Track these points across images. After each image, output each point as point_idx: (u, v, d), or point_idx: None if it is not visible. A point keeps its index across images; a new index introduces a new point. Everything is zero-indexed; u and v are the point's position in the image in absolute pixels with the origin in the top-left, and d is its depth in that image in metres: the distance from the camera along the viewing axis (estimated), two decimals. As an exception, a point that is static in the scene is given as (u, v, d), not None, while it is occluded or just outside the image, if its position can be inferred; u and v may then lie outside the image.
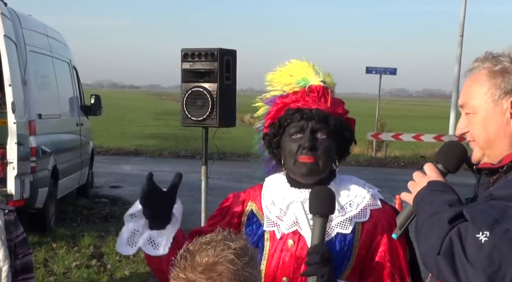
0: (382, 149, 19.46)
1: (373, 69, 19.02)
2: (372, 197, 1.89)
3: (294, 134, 1.83)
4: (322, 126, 1.81)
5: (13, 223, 3.31)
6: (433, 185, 1.59)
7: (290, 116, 1.83)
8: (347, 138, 1.89)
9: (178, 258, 1.30)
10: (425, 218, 1.52)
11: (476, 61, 1.65)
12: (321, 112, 1.82)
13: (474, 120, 1.63)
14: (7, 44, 6.73)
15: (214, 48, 6.30)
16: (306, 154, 1.80)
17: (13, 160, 6.73)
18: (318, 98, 1.85)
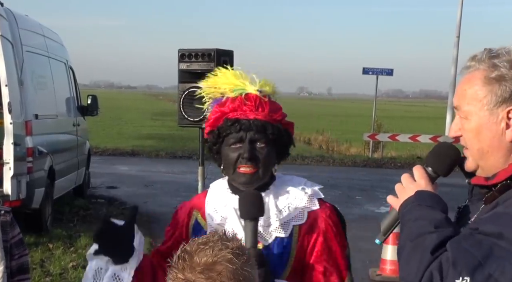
0: (379, 150, 19.49)
1: (369, 70, 19.04)
2: (310, 198, 1.91)
3: (233, 144, 1.86)
4: (260, 136, 1.84)
5: (9, 223, 3.30)
6: (420, 198, 1.52)
7: (229, 127, 1.85)
8: (286, 142, 1.92)
9: (175, 259, 1.30)
10: (408, 238, 1.45)
11: (472, 59, 1.55)
12: (259, 122, 1.84)
13: (467, 127, 1.54)
14: (3, 44, 6.72)
15: (211, 49, 6.30)
16: (246, 163, 1.83)
17: (10, 160, 6.72)
18: (255, 108, 1.86)
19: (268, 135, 1.84)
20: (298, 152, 20.87)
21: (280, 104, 1.95)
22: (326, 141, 24.03)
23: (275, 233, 1.86)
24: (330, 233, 1.88)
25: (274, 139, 1.86)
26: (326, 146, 23.50)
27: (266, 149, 1.85)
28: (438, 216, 1.46)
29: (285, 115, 1.93)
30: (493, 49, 1.53)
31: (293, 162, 18.28)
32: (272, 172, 1.93)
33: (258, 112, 1.85)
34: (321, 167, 17.37)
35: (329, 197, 8.41)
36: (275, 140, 1.86)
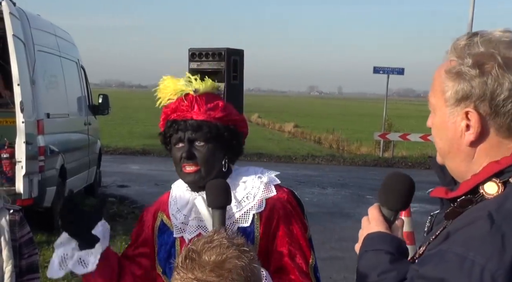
0: (390, 149, 19.41)
1: (380, 69, 18.97)
2: (267, 185, 1.95)
3: (176, 144, 1.93)
4: (198, 135, 1.89)
5: (18, 223, 3.32)
6: (367, 243, 1.45)
7: (169, 129, 1.93)
8: (230, 139, 1.94)
9: (181, 259, 1.30)
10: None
11: (451, 45, 1.36)
12: (195, 122, 1.89)
13: (433, 121, 1.40)
14: (15, 44, 6.76)
15: (221, 48, 6.31)
16: (186, 162, 1.90)
17: (22, 159, 6.76)
18: (191, 107, 1.90)
19: (206, 134, 1.88)
20: (308, 151, 20.85)
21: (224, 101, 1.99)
22: (337, 140, 23.98)
23: (237, 223, 1.91)
24: (289, 217, 1.94)
25: (214, 136, 1.90)
26: (336, 145, 23.45)
27: (206, 147, 1.89)
28: (382, 260, 1.37)
29: (228, 112, 1.95)
30: (473, 36, 1.33)
31: (303, 161, 18.27)
32: (228, 166, 1.97)
33: (194, 112, 1.90)
34: (331, 166, 17.33)
35: (339, 196, 8.45)
36: (215, 137, 1.90)
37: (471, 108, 1.29)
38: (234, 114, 1.96)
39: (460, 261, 1.18)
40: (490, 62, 1.27)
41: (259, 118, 41.89)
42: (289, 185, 8.54)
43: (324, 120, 38.08)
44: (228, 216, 1.87)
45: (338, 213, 9.96)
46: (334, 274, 6.60)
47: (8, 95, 7.47)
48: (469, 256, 1.18)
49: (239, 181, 1.97)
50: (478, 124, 1.29)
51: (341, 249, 7.51)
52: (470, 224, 1.24)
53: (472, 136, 1.31)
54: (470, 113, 1.30)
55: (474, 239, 1.20)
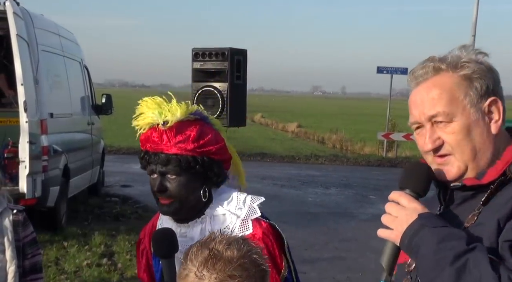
0: (393, 149, 19.39)
1: (384, 69, 18.95)
2: (243, 222, 1.88)
3: (151, 175, 1.89)
4: (169, 168, 1.84)
5: (21, 223, 3.32)
6: (428, 221, 1.38)
7: (141, 160, 1.90)
8: (204, 170, 1.86)
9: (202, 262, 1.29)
10: (447, 264, 1.30)
11: (423, 67, 1.50)
12: (164, 156, 1.83)
13: (452, 130, 1.45)
14: (19, 44, 6.77)
15: (224, 48, 6.30)
16: (160, 196, 1.86)
17: (25, 159, 6.76)
18: (161, 140, 1.84)
19: (175, 168, 1.83)
20: (312, 151, 20.84)
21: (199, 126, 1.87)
22: (340, 140, 23.95)
23: None
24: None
25: (186, 168, 1.83)
26: (340, 145, 23.43)
27: (178, 180, 1.84)
28: (458, 233, 1.35)
29: (204, 142, 1.85)
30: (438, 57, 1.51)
31: (306, 161, 18.26)
32: (209, 194, 1.89)
33: (164, 145, 1.83)
34: (334, 166, 17.31)
35: (342, 196, 8.44)
36: (187, 169, 1.83)
37: (492, 96, 1.47)
38: (208, 144, 1.85)
39: None
40: (485, 62, 1.50)
41: (263, 118, 41.88)
42: (292, 185, 8.63)
43: (328, 120, 38.06)
44: (173, 259, 1.82)
45: (342, 213, 9.95)
46: (337, 274, 6.59)
47: (12, 95, 7.48)
48: None
49: (219, 212, 1.90)
50: (501, 107, 1.47)
51: (345, 249, 7.50)
52: None
53: (500, 122, 1.47)
54: (492, 100, 1.46)
55: None
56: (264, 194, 8.61)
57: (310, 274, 6.70)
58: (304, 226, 9.01)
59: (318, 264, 7.06)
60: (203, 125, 1.88)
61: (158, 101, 1.87)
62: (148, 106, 1.86)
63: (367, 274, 6.26)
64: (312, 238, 8.24)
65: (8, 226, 3.26)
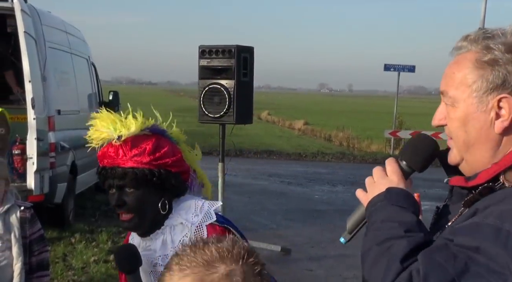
0: (400, 147, 19.33)
1: (391, 66, 18.88)
2: (198, 227, 1.89)
3: (109, 190, 1.91)
4: (125, 181, 1.85)
5: (28, 220, 3.33)
6: (391, 196, 1.37)
7: (99, 175, 1.92)
8: (161, 182, 1.87)
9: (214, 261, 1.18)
10: (375, 242, 1.32)
11: (464, 40, 1.38)
12: (121, 169, 1.85)
13: (453, 115, 1.38)
14: (27, 41, 6.78)
15: (231, 45, 6.30)
16: (119, 210, 1.88)
17: (33, 155, 6.79)
18: (117, 154, 1.86)
19: (132, 181, 1.85)
20: (319, 148, 20.80)
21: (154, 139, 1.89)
22: (347, 137, 23.90)
23: None
24: None
25: (142, 183, 1.85)
26: (346, 142, 23.37)
27: (136, 194, 1.86)
28: (409, 218, 1.32)
29: (160, 154, 1.86)
30: (488, 30, 1.37)
31: (313, 159, 18.23)
32: (169, 206, 1.91)
33: (120, 159, 1.86)
34: (341, 164, 17.28)
35: (349, 194, 8.43)
36: (143, 183, 1.85)
37: (506, 93, 1.32)
38: (164, 156, 1.87)
39: (495, 232, 1.22)
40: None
41: (269, 115, 41.84)
42: (299, 183, 8.64)
43: (334, 117, 37.98)
44: (166, 262, 1.86)
45: (349, 211, 9.73)
46: (344, 272, 6.59)
47: (20, 92, 7.50)
48: (504, 227, 1.22)
49: (178, 222, 1.91)
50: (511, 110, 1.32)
51: (352, 246, 7.42)
52: (503, 200, 1.28)
53: (506, 123, 1.32)
54: (504, 99, 1.32)
55: (508, 212, 1.24)
56: (271, 191, 8.74)
57: (317, 272, 6.70)
58: (310, 224, 9.00)
59: (325, 262, 7.05)
60: (159, 139, 1.90)
61: (113, 117, 1.89)
62: (103, 122, 1.88)
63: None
64: (319, 236, 8.23)
65: (15, 223, 3.27)
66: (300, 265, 6.90)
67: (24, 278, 3.25)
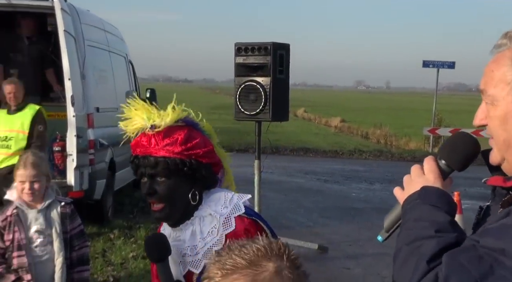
0: (439, 144, 19.00)
1: (430, 63, 18.57)
2: (227, 219, 1.90)
3: (141, 179, 1.94)
4: (157, 170, 1.88)
5: (68, 215, 3.38)
6: (425, 195, 1.35)
7: (132, 164, 1.95)
8: (191, 173, 1.89)
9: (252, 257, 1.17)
10: (405, 241, 1.30)
11: (504, 37, 1.33)
12: (153, 158, 1.87)
13: (493, 113, 1.33)
14: (66, 39, 6.89)
15: (267, 42, 6.28)
16: (150, 199, 1.91)
17: (73, 152, 6.90)
18: (149, 143, 1.89)
19: (164, 170, 1.87)
20: (355, 146, 20.63)
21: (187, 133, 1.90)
22: (384, 135, 23.64)
23: (203, 260, 1.89)
24: None
25: (173, 172, 1.88)
26: (384, 140, 23.12)
27: (167, 183, 1.88)
28: (441, 219, 1.30)
29: (192, 145, 1.89)
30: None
31: (350, 156, 18.08)
32: (199, 197, 1.93)
33: (152, 148, 1.88)
34: (379, 162, 17.09)
35: (387, 192, 8.30)
36: (175, 173, 1.88)
37: None
38: (196, 147, 1.90)
39: None
40: None
41: (305, 113, 41.69)
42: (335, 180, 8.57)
43: (372, 115, 37.59)
44: (195, 252, 1.89)
45: (386, 209, 9.64)
46: (383, 270, 6.50)
47: (60, 89, 7.64)
48: None
49: (207, 213, 1.92)
50: None
51: (390, 245, 7.30)
52: None
53: None
54: None
55: None
56: (307, 188, 8.70)
57: (355, 270, 6.63)
58: (347, 222, 8.92)
59: (363, 260, 6.98)
60: (192, 130, 1.93)
61: (147, 107, 1.93)
62: (137, 111, 1.93)
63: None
64: (356, 234, 8.15)
65: (56, 218, 3.33)
66: (337, 263, 6.84)
67: (66, 273, 3.31)
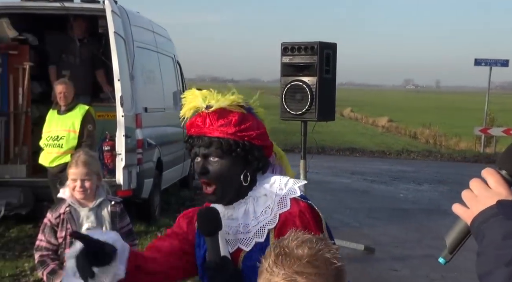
0: (491, 145, 18.50)
1: (482, 61, 18.11)
2: (282, 199, 1.92)
3: (194, 159, 1.97)
4: (211, 150, 1.91)
5: (118, 214, 3.45)
6: (506, 210, 1.21)
7: (186, 144, 2.00)
8: (245, 154, 1.93)
9: (273, 259, 1.34)
10: (502, 262, 1.17)
11: None
12: (207, 138, 1.91)
13: None
14: (116, 41, 7.03)
15: (314, 42, 6.24)
16: (203, 178, 1.93)
17: (121, 152, 7.02)
18: (204, 124, 1.93)
19: (217, 150, 1.91)
20: (403, 146, 20.29)
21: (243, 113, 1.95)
22: (433, 135, 23.18)
23: (254, 238, 1.91)
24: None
25: (226, 153, 1.91)
26: (433, 140, 22.67)
27: (219, 163, 1.91)
28: None
29: (246, 126, 1.93)
30: None
31: (398, 156, 17.80)
32: (251, 179, 1.95)
33: (207, 128, 1.92)
34: (427, 162, 16.77)
35: (436, 193, 8.11)
36: (229, 152, 1.91)
37: None
38: (249, 129, 1.93)
39: None
40: None
41: (352, 112, 41.30)
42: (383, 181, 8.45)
43: (420, 114, 36.92)
44: (246, 230, 1.91)
45: (435, 210, 9.60)
46: (431, 272, 6.38)
47: (109, 90, 7.80)
48: None
49: (261, 194, 1.95)
50: None
51: (438, 247, 7.20)
52: None
53: None
54: None
55: None
56: (354, 189, 8.61)
57: (402, 272, 6.52)
58: (395, 222, 8.79)
59: (410, 262, 6.86)
60: (246, 113, 1.98)
61: (204, 91, 1.99)
62: (194, 95, 1.99)
63: (463, 274, 6.01)
64: (404, 235, 8.02)
65: (106, 217, 3.40)
66: (384, 265, 6.75)
67: (115, 269, 3.38)
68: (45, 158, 6.59)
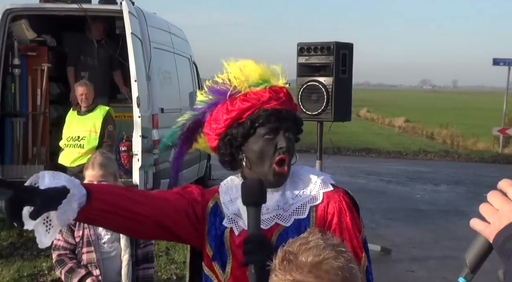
0: (510, 145, 18.31)
1: (501, 60, 17.96)
2: (323, 181, 1.94)
3: (267, 135, 1.85)
4: (292, 126, 1.90)
5: (135, 213, 3.47)
6: None
7: (267, 117, 1.85)
8: (300, 132, 1.98)
9: (278, 261, 1.32)
10: None
11: None
12: (292, 113, 1.91)
13: None
14: (133, 42, 7.06)
15: (330, 42, 6.23)
16: (283, 154, 1.84)
17: (138, 152, 7.05)
18: (287, 99, 1.92)
19: (298, 126, 1.93)
20: (420, 146, 20.15)
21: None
22: (451, 135, 22.99)
23: (294, 215, 1.89)
24: (343, 213, 1.88)
25: (299, 129, 1.95)
26: (450, 140, 22.48)
27: (292, 140, 1.92)
28: None
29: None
30: None
31: (414, 157, 17.69)
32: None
33: (289, 104, 1.92)
34: (445, 162, 16.64)
35: (453, 194, 8.06)
36: (298, 130, 1.95)
37: None
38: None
39: None
40: None
41: (368, 113, 41.11)
42: (399, 181, 8.44)
43: (437, 114, 36.65)
44: (286, 208, 1.88)
45: (453, 211, 9.53)
46: (448, 274, 6.33)
47: (126, 91, 7.85)
48: None
49: (299, 174, 1.96)
50: None
51: (456, 248, 7.16)
52: None
53: None
54: None
55: None
56: (370, 189, 8.58)
57: (419, 273, 6.49)
58: (412, 223, 8.73)
59: (427, 263, 6.82)
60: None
61: (266, 66, 1.95)
62: (252, 68, 1.92)
63: (481, 275, 5.94)
64: (421, 236, 7.97)
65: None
66: (401, 266, 6.71)
67: (132, 269, 3.40)
68: (66, 158, 6.65)
